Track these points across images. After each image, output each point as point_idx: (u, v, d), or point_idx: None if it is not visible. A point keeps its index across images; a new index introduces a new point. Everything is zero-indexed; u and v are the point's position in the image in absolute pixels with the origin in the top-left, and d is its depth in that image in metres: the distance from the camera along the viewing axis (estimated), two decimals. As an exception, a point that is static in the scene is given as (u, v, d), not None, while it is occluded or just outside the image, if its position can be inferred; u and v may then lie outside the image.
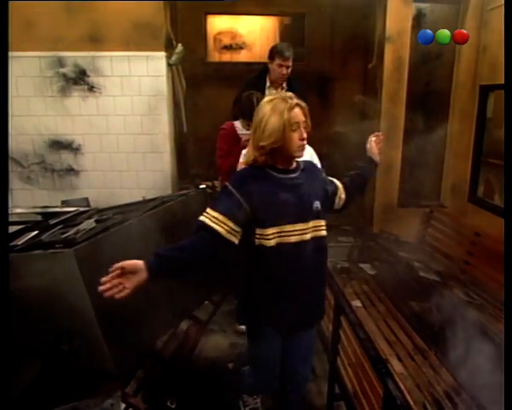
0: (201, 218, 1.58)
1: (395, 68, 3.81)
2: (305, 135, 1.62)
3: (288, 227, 1.64)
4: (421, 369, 2.30)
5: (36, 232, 2.38)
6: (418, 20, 3.81)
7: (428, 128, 4.05)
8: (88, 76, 3.54)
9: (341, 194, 1.88)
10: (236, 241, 1.60)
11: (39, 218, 2.97)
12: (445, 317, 2.95)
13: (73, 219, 2.61)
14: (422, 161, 4.10)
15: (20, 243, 2.19)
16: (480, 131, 3.76)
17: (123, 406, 1.99)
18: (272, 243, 1.63)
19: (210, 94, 5.18)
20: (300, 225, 1.66)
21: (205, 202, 2.88)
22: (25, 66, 3.47)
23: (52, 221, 2.59)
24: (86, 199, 3.52)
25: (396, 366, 2.32)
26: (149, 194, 3.44)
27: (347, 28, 4.94)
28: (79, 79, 3.54)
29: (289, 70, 3.21)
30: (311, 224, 1.69)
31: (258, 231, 1.63)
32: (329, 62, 5.47)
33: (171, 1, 3.79)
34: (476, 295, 2.94)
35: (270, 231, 1.62)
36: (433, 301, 3.34)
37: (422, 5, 3.83)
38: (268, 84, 3.32)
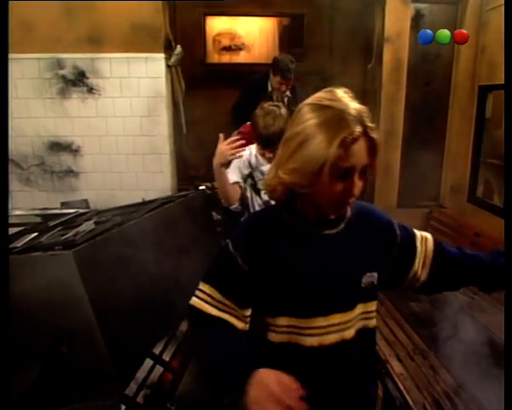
0: (194, 301, 1.03)
1: (394, 69, 3.81)
2: (356, 190, 0.92)
3: (319, 321, 0.98)
4: (421, 369, 2.31)
5: (35, 234, 2.38)
6: (417, 20, 3.82)
7: (427, 129, 4.05)
8: (87, 78, 3.54)
9: (423, 267, 1.11)
10: (246, 327, 1.02)
11: (39, 220, 2.97)
12: (445, 317, 2.95)
13: (73, 221, 2.61)
14: (422, 162, 4.10)
15: (19, 244, 2.19)
16: (479, 131, 3.77)
17: (123, 407, 1.98)
18: (285, 338, 1.00)
19: (209, 95, 5.17)
20: (339, 316, 1.00)
21: (204, 204, 2.87)
22: (24, 68, 3.47)
23: (51, 223, 2.59)
24: (86, 201, 3.52)
25: (395, 366, 2.32)
26: (149, 195, 3.44)
27: (346, 29, 4.93)
28: (78, 81, 3.54)
29: (290, 86, 3.23)
30: (357, 310, 1.03)
31: (266, 318, 1.02)
32: (328, 63, 5.47)
33: (169, 1, 3.80)
34: (475, 295, 2.95)
35: (284, 321, 1.00)
36: (432, 302, 3.34)
37: (421, 5, 3.83)
38: (270, 90, 3.33)
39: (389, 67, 3.81)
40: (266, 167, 2.24)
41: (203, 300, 1.00)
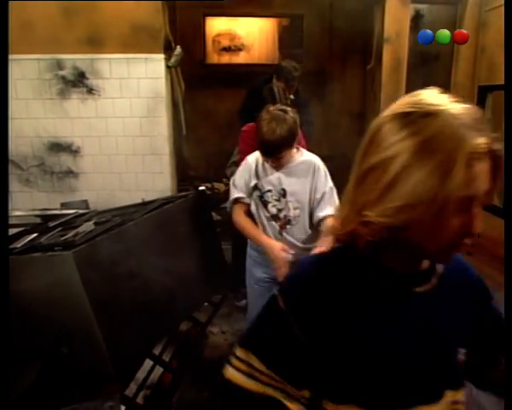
0: (229, 373, 0.81)
1: (394, 69, 3.81)
2: (479, 225, 0.67)
3: None
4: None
5: (35, 235, 2.38)
6: (416, 20, 3.82)
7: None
8: (87, 78, 3.54)
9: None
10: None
11: (38, 220, 2.97)
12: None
13: (73, 222, 2.61)
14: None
15: (19, 245, 2.19)
16: (479, 131, 3.76)
17: (123, 408, 1.98)
18: None
19: (209, 96, 5.19)
20: (424, 408, 0.74)
21: (204, 204, 2.87)
22: (23, 68, 3.47)
23: (51, 224, 2.59)
24: (85, 201, 3.52)
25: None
26: (148, 196, 3.44)
27: (346, 29, 4.95)
28: (78, 82, 3.54)
29: (292, 91, 3.24)
30: (446, 400, 0.77)
31: (327, 405, 0.75)
32: (328, 64, 5.48)
33: (169, 1, 3.80)
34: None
35: None
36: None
37: (420, 6, 3.84)
38: (271, 84, 3.32)
39: (389, 67, 3.81)
40: (274, 177, 2.11)
41: (241, 371, 0.77)
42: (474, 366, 0.83)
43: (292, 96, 3.29)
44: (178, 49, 3.68)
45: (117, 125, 3.64)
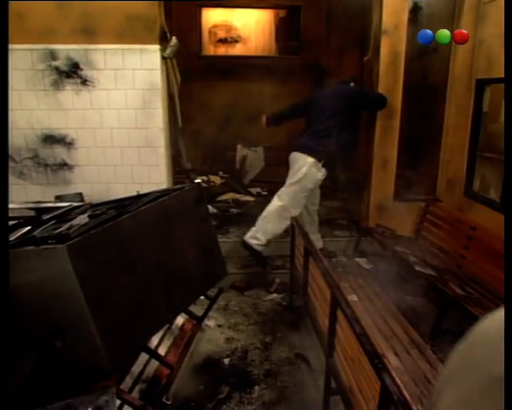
0: None
1: (391, 62, 3.79)
2: None
3: None
4: (418, 363, 2.30)
5: (28, 228, 2.35)
6: (415, 12, 3.79)
7: (424, 122, 4.04)
8: (81, 69, 3.50)
9: None
10: None
11: (32, 213, 2.93)
12: (441, 311, 2.96)
13: (67, 215, 2.58)
14: (418, 155, 4.09)
15: (12, 238, 2.16)
16: (476, 125, 3.76)
17: (118, 402, 1.97)
18: None
19: (205, 88, 5.15)
20: None
21: (200, 197, 2.84)
22: (16, 59, 3.41)
23: (45, 216, 2.56)
24: (80, 194, 3.49)
25: (392, 360, 2.32)
26: (144, 188, 3.40)
27: (343, 21, 4.92)
28: (72, 73, 3.49)
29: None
30: None
31: None
32: (325, 55, 5.45)
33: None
34: (472, 289, 2.95)
35: None
36: (429, 296, 3.35)
37: (419, -2, 3.81)
38: None
39: (386, 59, 3.79)
40: None
41: None
42: None
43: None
44: (174, 40, 3.63)
45: (112, 117, 3.60)
